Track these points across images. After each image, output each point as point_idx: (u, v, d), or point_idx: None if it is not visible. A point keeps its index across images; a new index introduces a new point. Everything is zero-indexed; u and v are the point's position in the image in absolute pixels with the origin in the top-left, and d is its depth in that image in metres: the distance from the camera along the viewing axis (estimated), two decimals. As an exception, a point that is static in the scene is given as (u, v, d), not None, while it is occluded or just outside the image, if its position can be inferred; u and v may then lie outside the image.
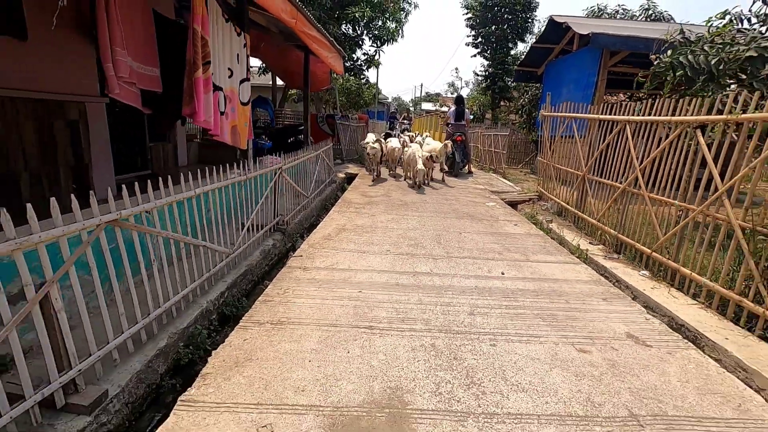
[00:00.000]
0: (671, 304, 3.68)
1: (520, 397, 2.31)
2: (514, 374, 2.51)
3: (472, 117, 16.18)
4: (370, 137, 12.43)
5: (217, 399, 2.10)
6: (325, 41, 7.61)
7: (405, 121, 21.13)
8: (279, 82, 12.90)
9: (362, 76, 16.85)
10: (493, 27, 19.70)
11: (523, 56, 15.21)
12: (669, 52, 6.02)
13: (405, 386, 2.33)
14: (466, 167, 11.65)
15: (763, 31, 5.93)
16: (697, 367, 2.77)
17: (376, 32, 13.40)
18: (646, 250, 4.45)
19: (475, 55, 21.26)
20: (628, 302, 3.77)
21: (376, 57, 14.88)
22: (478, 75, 22.78)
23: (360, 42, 13.93)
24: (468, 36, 20.78)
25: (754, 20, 6.09)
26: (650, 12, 14.39)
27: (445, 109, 41.82)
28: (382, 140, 10.29)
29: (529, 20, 19.63)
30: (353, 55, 13.86)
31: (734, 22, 6.48)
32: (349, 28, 13.18)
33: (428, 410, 2.15)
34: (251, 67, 5.44)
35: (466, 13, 20.36)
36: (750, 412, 2.35)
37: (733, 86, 5.41)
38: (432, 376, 2.43)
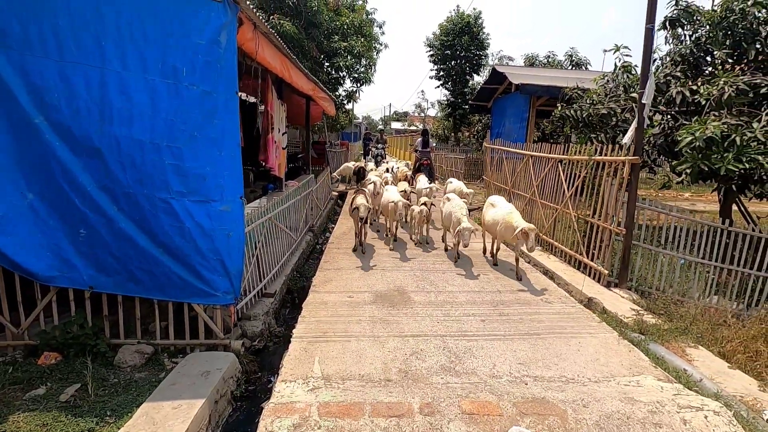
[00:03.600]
0: (547, 262, 6.56)
1: (452, 288, 5.06)
2: (449, 284, 5.27)
3: (434, 144, 19.18)
4: (349, 167, 14.55)
5: (325, 290, 4.86)
6: (325, 95, 10.35)
7: (379, 145, 17.04)
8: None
9: (343, 110, 19.76)
10: (453, 62, 23.12)
11: (477, 90, 18.50)
12: (559, 107, 9.09)
13: (404, 285, 5.07)
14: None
15: (618, 92, 9.09)
16: (545, 284, 5.60)
17: (356, 75, 16.35)
18: (539, 233, 7.36)
19: (438, 86, 24.57)
20: (523, 264, 6.62)
21: (356, 94, 17.81)
22: (441, 103, 26.10)
23: (342, 81, 16.84)
24: (431, 70, 24.14)
25: (611, 84, 9.23)
26: (573, 58, 18.14)
27: (413, 128, 45.14)
28: (377, 180, 8.40)
29: (483, 57, 23.19)
30: (336, 93, 16.66)
31: (607, 81, 9.62)
32: (332, 71, 16.04)
33: (414, 291, 4.88)
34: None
35: (429, 51, 23.74)
36: (552, 292, 5.19)
37: (596, 132, 8.49)
38: (415, 283, 5.17)
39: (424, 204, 7.19)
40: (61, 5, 3.30)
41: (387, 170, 11.39)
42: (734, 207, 7.67)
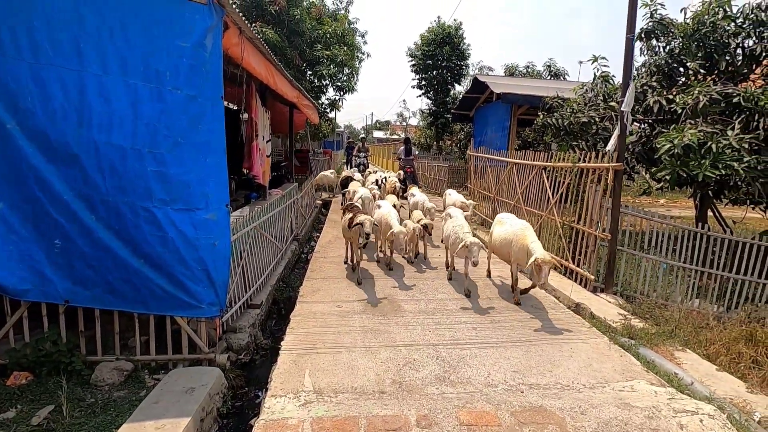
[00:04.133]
0: (533, 268, 6.59)
1: (441, 296, 5.02)
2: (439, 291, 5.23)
3: (416, 152, 19.34)
4: (327, 175, 14.27)
5: (313, 300, 4.71)
6: (309, 103, 10.28)
7: (361, 154, 15.88)
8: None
9: (326, 119, 19.68)
10: (434, 72, 23.37)
11: (459, 99, 18.75)
12: (541, 115, 9.26)
13: (394, 295, 4.98)
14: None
15: (597, 101, 9.32)
16: (533, 290, 5.61)
17: (339, 84, 16.33)
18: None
19: (420, 96, 24.76)
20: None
21: (339, 102, 17.77)
22: (423, 112, 26.34)
23: (325, 90, 16.79)
24: (413, 79, 24.33)
25: (590, 93, 9.45)
26: (552, 68, 18.62)
27: (395, 137, 45.46)
28: (366, 194, 7.53)
29: (464, 67, 23.53)
30: (319, 101, 16.59)
31: (586, 91, 9.84)
32: (315, 80, 15.98)
33: (403, 299, 4.80)
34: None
35: (411, 60, 23.94)
36: (541, 298, 5.20)
37: (578, 140, 8.67)
38: (405, 293, 5.10)
39: (424, 225, 6.33)
40: (36, 5, 3.15)
41: (376, 182, 10.35)
42: (709, 213, 7.90)
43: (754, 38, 6.70)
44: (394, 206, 7.09)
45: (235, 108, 8.69)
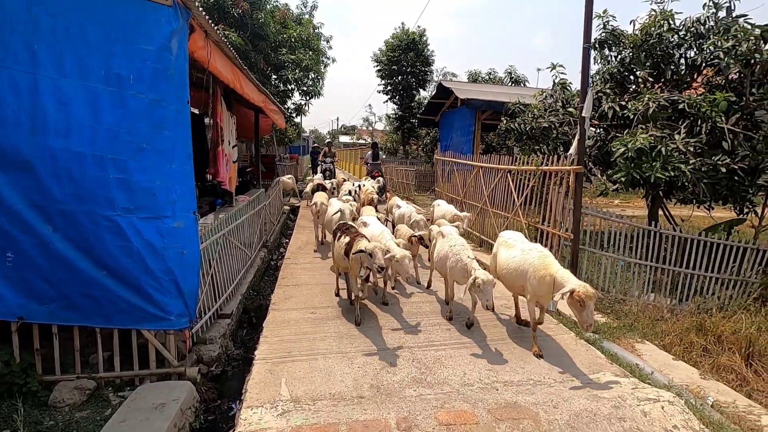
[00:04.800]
0: (501, 268, 6.77)
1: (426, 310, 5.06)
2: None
3: (384, 156, 19.48)
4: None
5: (286, 307, 4.62)
6: (276, 108, 10.13)
7: (327, 159, 13.97)
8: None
9: (292, 123, 19.47)
10: (400, 77, 23.65)
11: (424, 104, 19.07)
12: (504, 121, 9.58)
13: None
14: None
15: (556, 107, 9.74)
16: (503, 290, 5.76)
17: (305, 88, 16.22)
18: (492, 242, 7.61)
19: (386, 101, 25.01)
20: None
21: (305, 107, 17.65)
22: (390, 117, 26.58)
23: (291, 94, 16.62)
24: (379, 84, 24.52)
25: (549, 100, 9.86)
26: (512, 75, 19.35)
27: (362, 141, 45.53)
28: (346, 208, 6.47)
29: (428, 72, 23.97)
30: (285, 106, 16.40)
31: (546, 97, 10.26)
32: (280, 84, 15.80)
33: (379, 303, 4.81)
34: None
35: (376, 66, 24.13)
36: (510, 297, 5.36)
37: (539, 144, 9.02)
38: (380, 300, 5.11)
39: (419, 237, 5.38)
40: (-18, 3, 2.95)
41: (349, 192, 8.94)
42: (660, 212, 8.43)
43: (695, 49, 7.22)
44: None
45: (199, 113, 8.45)
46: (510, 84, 19.26)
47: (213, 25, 4.23)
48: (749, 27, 6.34)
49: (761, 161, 5.86)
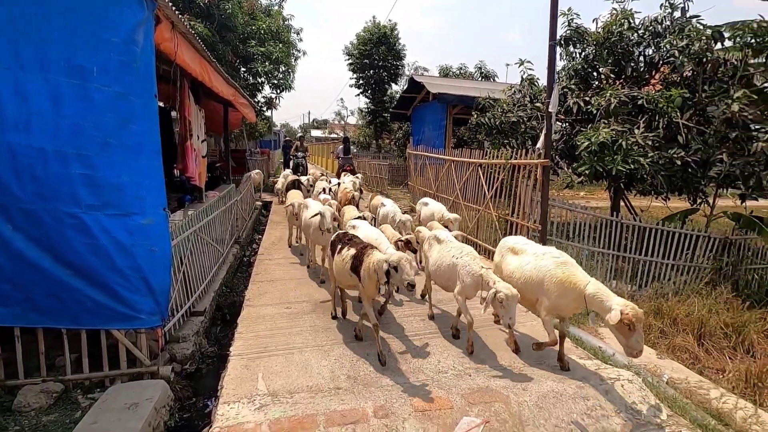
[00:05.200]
0: (473, 260, 6.95)
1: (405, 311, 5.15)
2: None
3: (355, 151, 19.46)
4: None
5: (261, 303, 4.59)
6: (246, 102, 9.94)
7: (299, 153, 13.35)
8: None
9: (262, 117, 19.11)
10: (372, 71, 23.59)
11: (396, 98, 19.13)
12: (475, 115, 9.76)
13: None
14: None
15: (525, 102, 10.00)
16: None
17: (275, 81, 15.93)
18: (465, 235, 7.80)
19: (358, 95, 24.87)
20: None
21: (275, 101, 17.34)
22: (362, 111, 26.49)
23: (261, 88, 16.30)
24: (351, 78, 24.37)
25: (518, 95, 10.10)
26: (482, 70, 19.68)
27: (334, 135, 45.27)
28: (328, 211, 5.25)
29: (400, 67, 24.02)
30: (255, 100, 16.08)
31: (514, 92, 10.49)
32: (250, 77, 15.46)
33: (354, 295, 4.86)
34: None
35: (348, 59, 23.96)
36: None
37: (509, 138, 9.26)
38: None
39: (406, 241, 4.79)
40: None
41: (324, 190, 8.24)
42: (622, 203, 8.84)
43: (653, 48, 7.59)
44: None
45: (165, 106, 8.21)
46: (480, 79, 19.60)
47: (179, 15, 4.12)
48: (701, 27, 6.73)
49: (712, 154, 6.25)
